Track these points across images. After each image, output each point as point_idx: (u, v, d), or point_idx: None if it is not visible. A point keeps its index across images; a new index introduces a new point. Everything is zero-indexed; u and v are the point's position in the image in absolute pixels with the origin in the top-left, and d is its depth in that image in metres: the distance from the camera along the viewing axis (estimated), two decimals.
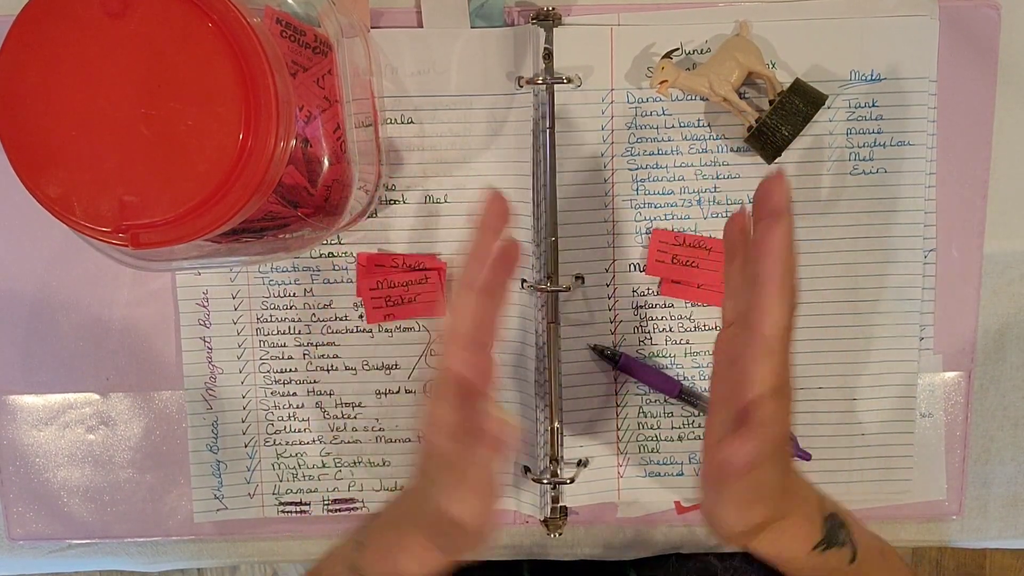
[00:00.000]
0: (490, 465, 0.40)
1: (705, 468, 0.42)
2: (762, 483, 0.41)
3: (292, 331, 0.55)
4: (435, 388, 0.41)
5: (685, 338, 0.55)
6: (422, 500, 0.44)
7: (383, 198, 0.54)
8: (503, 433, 0.38)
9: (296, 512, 0.57)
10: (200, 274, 0.55)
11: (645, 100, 0.53)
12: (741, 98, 0.52)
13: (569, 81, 0.52)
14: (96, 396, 0.57)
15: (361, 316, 0.55)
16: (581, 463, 0.55)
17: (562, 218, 0.53)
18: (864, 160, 0.53)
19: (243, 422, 0.56)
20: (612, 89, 0.53)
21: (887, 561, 0.53)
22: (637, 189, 0.54)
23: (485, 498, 0.41)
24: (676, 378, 0.55)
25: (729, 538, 0.44)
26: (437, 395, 0.41)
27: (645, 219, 0.54)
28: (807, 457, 0.55)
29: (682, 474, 0.56)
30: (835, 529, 0.48)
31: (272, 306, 0.55)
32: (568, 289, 0.53)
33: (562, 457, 0.54)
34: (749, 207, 0.40)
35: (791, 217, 0.38)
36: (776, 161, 0.52)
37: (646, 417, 0.56)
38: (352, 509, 0.57)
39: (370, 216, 0.54)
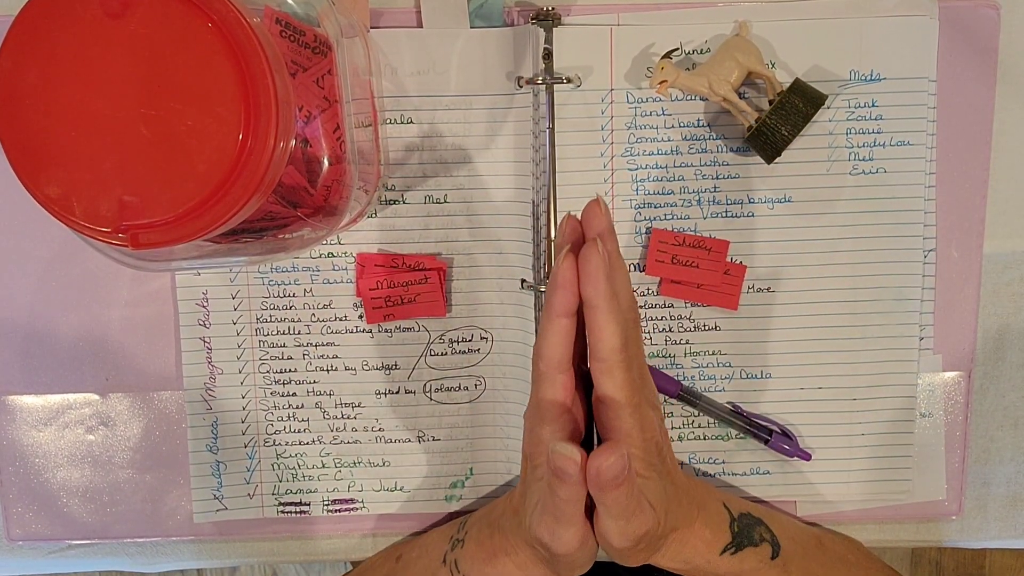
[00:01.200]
0: (574, 498, 0.40)
1: (588, 480, 0.42)
2: (642, 493, 0.42)
3: (292, 331, 0.55)
4: (537, 413, 0.42)
5: (685, 338, 0.55)
6: (522, 515, 0.45)
7: (383, 198, 0.54)
8: (563, 464, 0.39)
9: (296, 512, 0.57)
10: (200, 274, 0.55)
11: (645, 100, 0.53)
12: (741, 98, 0.52)
13: (569, 81, 0.52)
14: (95, 396, 0.57)
15: (361, 316, 0.55)
16: None
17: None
18: (864, 160, 0.53)
19: (243, 422, 0.56)
20: (612, 89, 0.53)
21: (825, 551, 0.53)
22: (637, 189, 0.54)
23: (572, 528, 0.42)
24: (676, 378, 0.55)
25: (621, 555, 0.44)
26: (539, 419, 0.42)
27: (645, 219, 0.54)
28: (807, 457, 0.55)
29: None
30: (747, 529, 0.48)
31: (272, 306, 0.55)
32: None
33: None
34: (578, 214, 0.42)
35: (612, 239, 0.40)
36: (776, 161, 0.52)
37: None
38: (352, 509, 0.57)
39: (370, 216, 0.54)
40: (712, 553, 0.47)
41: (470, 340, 0.56)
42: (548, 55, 0.51)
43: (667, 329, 0.55)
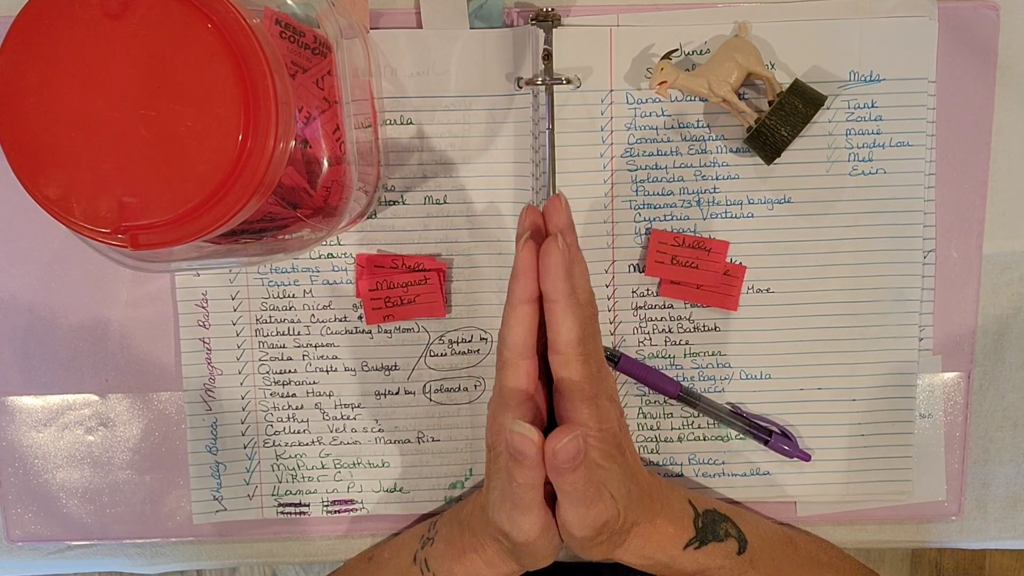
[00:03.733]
0: (531, 482, 0.41)
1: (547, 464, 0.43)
2: (602, 483, 0.42)
3: (291, 332, 0.55)
4: (499, 400, 0.43)
5: (685, 339, 0.55)
6: (486, 509, 0.45)
7: (382, 199, 0.54)
8: (520, 444, 0.39)
9: (295, 513, 0.57)
10: (199, 275, 0.55)
11: (644, 101, 0.53)
12: (740, 99, 0.52)
13: (568, 82, 0.52)
14: (95, 397, 0.57)
15: (360, 317, 0.55)
16: None
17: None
18: (863, 161, 0.53)
19: (242, 423, 0.56)
20: (611, 90, 0.53)
21: (796, 549, 0.53)
22: (636, 190, 0.54)
23: (531, 515, 0.43)
24: (676, 379, 0.55)
25: (583, 546, 0.45)
26: (501, 406, 0.43)
27: (644, 220, 0.54)
28: (807, 458, 0.55)
29: (682, 475, 0.56)
30: (712, 525, 0.49)
31: (271, 307, 0.55)
32: None
33: None
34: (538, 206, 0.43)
35: (571, 234, 0.41)
36: (775, 162, 0.52)
37: (646, 418, 0.56)
38: (351, 510, 0.57)
39: (369, 217, 0.54)
40: (675, 548, 0.48)
41: (470, 341, 0.56)
42: (548, 56, 0.51)
43: (667, 330, 0.55)
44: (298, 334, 0.55)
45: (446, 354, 0.56)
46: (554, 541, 0.45)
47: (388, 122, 0.54)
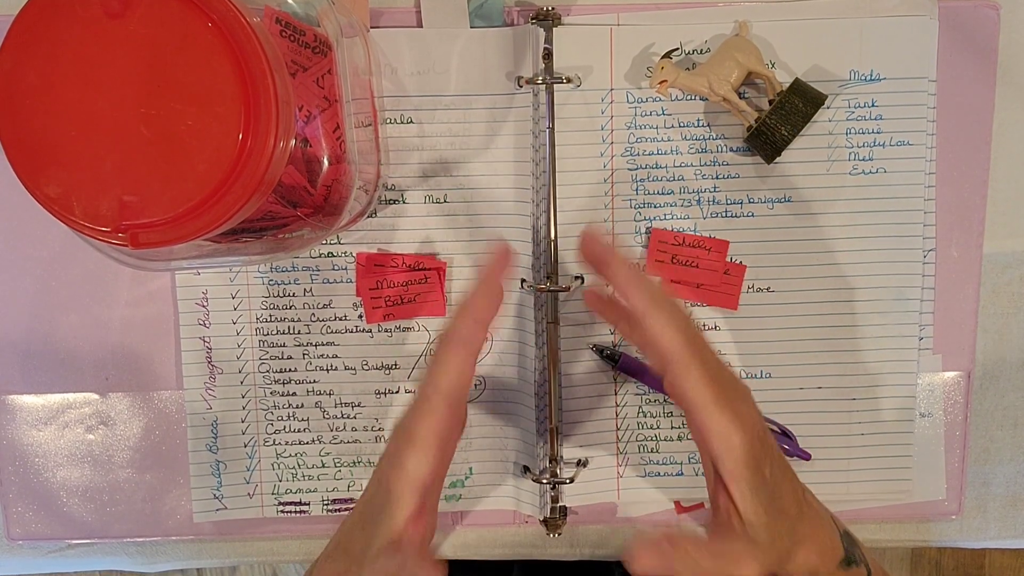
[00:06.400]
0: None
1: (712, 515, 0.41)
2: (736, 535, 0.40)
3: (292, 331, 0.55)
4: (407, 438, 0.40)
5: None
6: (369, 533, 0.42)
7: (383, 198, 0.54)
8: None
9: (295, 512, 0.57)
10: (199, 274, 0.55)
11: (645, 100, 0.53)
12: (741, 98, 0.52)
13: (569, 81, 0.52)
14: (95, 396, 0.57)
15: (361, 316, 0.55)
16: (581, 463, 0.55)
17: (562, 218, 0.53)
18: (864, 160, 0.53)
19: (242, 422, 0.56)
20: (612, 89, 0.53)
21: None
22: (637, 189, 0.54)
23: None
24: None
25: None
26: (409, 443, 0.40)
27: (645, 219, 0.54)
28: (807, 457, 0.55)
29: (682, 474, 0.56)
30: (851, 547, 0.46)
31: (271, 306, 0.55)
32: (568, 289, 0.53)
33: (562, 457, 0.54)
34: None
35: (617, 255, 0.40)
36: (776, 161, 0.52)
37: (646, 417, 0.56)
38: (352, 509, 0.57)
39: (370, 216, 0.54)
40: (833, 564, 0.44)
41: None
42: (548, 55, 0.51)
43: None
44: (298, 333, 0.55)
45: None
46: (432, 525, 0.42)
47: (388, 121, 0.54)
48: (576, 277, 0.54)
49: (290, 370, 0.56)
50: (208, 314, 0.55)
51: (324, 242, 0.54)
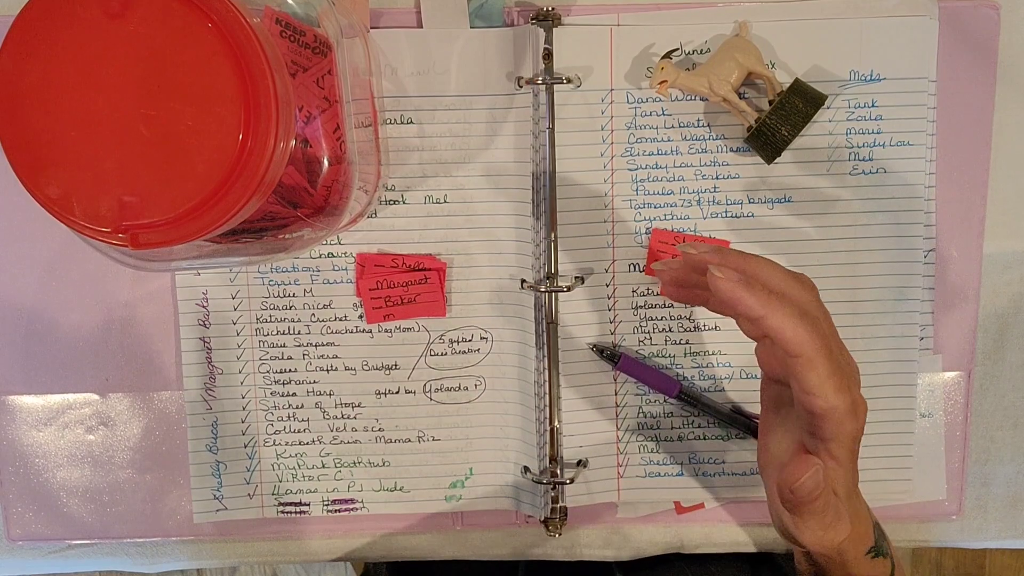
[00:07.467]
0: None
1: (779, 494, 0.42)
2: (839, 500, 0.42)
3: (292, 331, 0.55)
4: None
5: (685, 338, 0.55)
6: None
7: (383, 198, 0.54)
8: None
9: (296, 512, 0.57)
10: (199, 274, 0.55)
11: (645, 100, 0.53)
12: (741, 98, 0.52)
13: (569, 81, 0.52)
14: (95, 396, 0.57)
15: (361, 316, 0.55)
16: (581, 463, 0.55)
17: (562, 218, 0.53)
18: (864, 160, 0.53)
19: (243, 422, 0.56)
20: (612, 89, 0.53)
21: None
22: (637, 189, 0.54)
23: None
24: (676, 378, 0.55)
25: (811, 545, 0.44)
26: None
27: (645, 219, 0.54)
28: None
29: (682, 474, 0.56)
30: (880, 538, 0.47)
31: (272, 306, 0.55)
32: (568, 289, 0.53)
33: (562, 457, 0.54)
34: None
35: (717, 255, 0.41)
36: (776, 161, 0.52)
37: (646, 417, 0.56)
38: (352, 509, 0.57)
39: (370, 216, 0.54)
40: (862, 550, 0.46)
41: (470, 340, 0.56)
42: (548, 55, 0.51)
43: (667, 329, 0.55)
44: (298, 333, 0.55)
45: (446, 353, 0.56)
46: None
47: (388, 121, 0.54)
48: (576, 277, 0.54)
49: (290, 370, 0.56)
50: (208, 314, 0.55)
51: (324, 242, 0.54)
